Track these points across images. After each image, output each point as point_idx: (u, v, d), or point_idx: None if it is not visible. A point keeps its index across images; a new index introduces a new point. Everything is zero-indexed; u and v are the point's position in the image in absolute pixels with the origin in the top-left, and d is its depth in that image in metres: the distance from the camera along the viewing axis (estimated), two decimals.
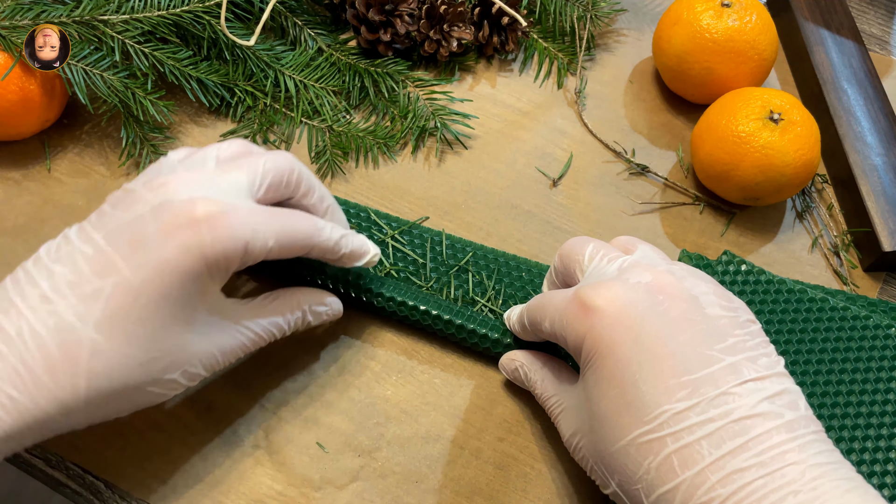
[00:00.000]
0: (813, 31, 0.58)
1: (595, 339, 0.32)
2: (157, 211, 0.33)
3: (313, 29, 0.55)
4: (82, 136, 0.51)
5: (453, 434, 0.42)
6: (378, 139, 0.52)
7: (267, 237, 0.35)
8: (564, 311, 0.34)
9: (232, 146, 0.38)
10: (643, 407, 0.30)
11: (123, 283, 0.32)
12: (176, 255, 0.32)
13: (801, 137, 0.46)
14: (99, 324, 0.32)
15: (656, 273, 0.33)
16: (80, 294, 0.32)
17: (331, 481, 0.40)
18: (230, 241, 0.33)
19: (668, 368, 0.30)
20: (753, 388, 0.30)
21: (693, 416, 0.29)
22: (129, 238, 0.33)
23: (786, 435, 0.29)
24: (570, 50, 0.58)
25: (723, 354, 0.31)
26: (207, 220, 0.33)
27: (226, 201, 0.34)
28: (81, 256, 0.33)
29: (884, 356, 0.43)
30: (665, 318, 0.32)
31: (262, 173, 0.36)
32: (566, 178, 0.52)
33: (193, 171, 0.35)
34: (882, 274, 0.50)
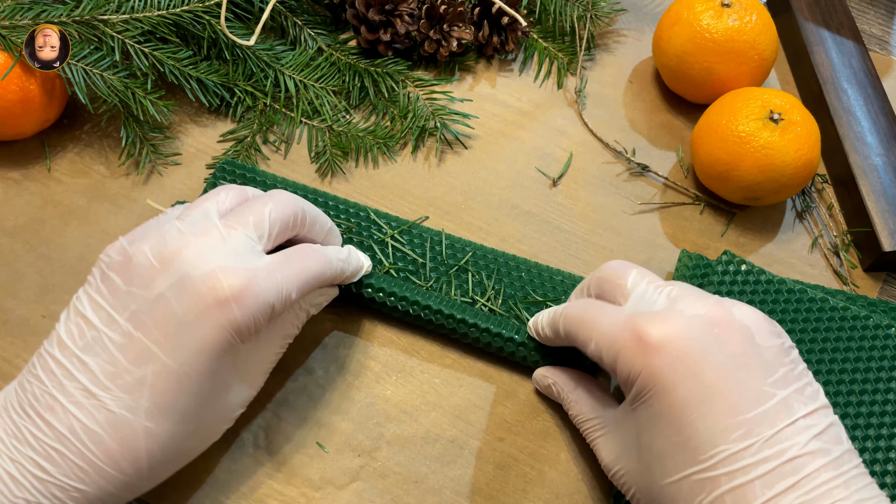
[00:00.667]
0: (813, 31, 0.58)
1: (652, 377, 0.32)
2: (178, 289, 0.33)
3: (313, 29, 0.55)
4: (82, 136, 0.51)
5: (453, 434, 0.42)
6: (378, 139, 0.52)
7: (290, 291, 0.35)
8: (617, 339, 0.34)
9: (230, 195, 0.38)
10: (699, 446, 0.30)
11: (163, 370, 0.32)
12: (210, 334, 0.33)
13: (801, 137, 0.46)
14: (149, 412, 0.32)
15: (708, 305, 0.33)
16: (122, 385, 0.32)
17: (331, 481, 0.40)
18: (259, 309, 0.34)
19: (725, 408, 0.30)
20: (804, 426, 0.30)
21: (748, 456, 0.30)
22: (156, 321, 0.33)
23: (833, 472, 0.30)
24: (570, 50, 0.58)
25: (775, 389, 0.31)
26: (234, 295, 0.33)
27: (245, 268, 0.34)
28: (112, 344, 0.33)
29: (884, 356, 0.43)
30: (723, 353, 0.32)
31: (270, 224, 0.36)
32: (566, 178, 0.52)
33: (202, 235, 0.34)
34: (882, 274, 0.50)
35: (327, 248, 0.40)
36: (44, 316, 0.44)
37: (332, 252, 0.39)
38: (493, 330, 0.42)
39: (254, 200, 0.37)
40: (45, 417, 0.32)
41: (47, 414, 0.32)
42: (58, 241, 0.47)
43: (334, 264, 0.39)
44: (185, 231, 0.34)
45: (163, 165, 0.50)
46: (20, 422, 0.32)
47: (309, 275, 0.37)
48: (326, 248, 0.39)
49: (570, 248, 0.49)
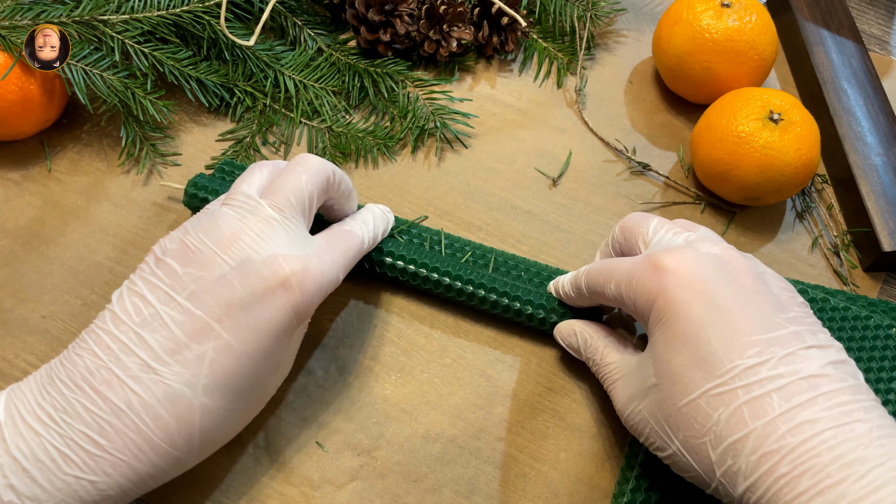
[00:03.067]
0: (813, 31, 0.58)
1: (667, 299, 0.33)
2: (240, 272, 0.34)
3: (313, 29, 0.55)
4: (82, 136, 0.51)
5: (453, 434, 0.42)
6: (377, 140, 0.52)
7: (338, 274, 0.38)
8: (634, 272, 0.35)
9: (264, 171, 0.39)
10: (716, 362, 0.31)
11: (224, 347, 0.33)
12: (272, 315, 0.34)
13: (801, 137, 0.46)
14: (207, 388, 0.33)
15: (723, 247, 0.35)
16: (182, 361, 0.32)
17: (330, 480, 0.40)
18: (317, 292, 0.36)
19: (739, 328, 0.32)
20: (818, 354, 0.31)
21: (764, 370, 0.30)
22: (218, 300, 0.33)
23: (851, 396, 0.30)
24: (569, 50, 0.58)
25: (788, 323, 0.32)
26: (296, 279, 0.35)
27: (302, 254, 0.36)
28: (172, 321, 0.33)
29: (884, 356, 0.43)
30: (734, 285, 0.33)
31: (309, 196, 0.38)
32: (566, 177, 0.52)
33: (254, 220, 0.36)
34: (882, 274, 0.50)
35: (355, 222, 0.42)
36: (43, 316, 0.44)
37: (359, 228, 0.41)
38: (511, 293, 0.43)
39: (287, 173, 0.38)
40: (100, 391, 0.32)
41: (103, 388, 0.32)
42: (58, 241, 0.47)
43: (366, 242, 0.41)
44: (237, 216, 0.36)
45: (162, 165, 0.50)
46: (72, 396, 0.32)
47: (350, 256, 0.39)
48: (354, 226, 0.41)
49: (570, 248, 0.49)
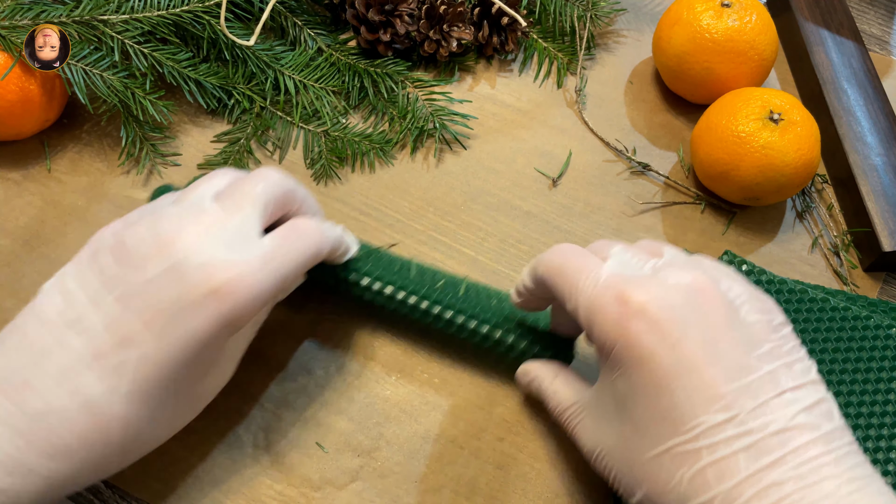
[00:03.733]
0: (813, 31, 0.58)
1: (631, 343, 0.31)
2: (171, 276, 0.32)
3: (313, 29, 0.55)
4: (82, 136, 0.51)
5: (453, 434, 0.42)
6: (374, 144, 0.52)
7: (286, 277, 0.35)
8: (596, 300, 0.32)
9: (225, 178, 0.37)
10: (680, 417, 0.29)
11: (148, 356, 0.32)
12: (200, 325, 0.32)
13: (801, 137, 0.46)
14: (128, 396, 0.32)
15: (694, 275, 0.32)
16: (103, 367, 0.31)
17: (330, 481, 0.40)
18: (252, 302, 0.33)
19: (706, 378, 0.29)
20: (791, 399, 0.29)
21: (731, 428, 0.29)
22: (147, 305, 0.32)
23: (822, 447, 0.28)
24: (569, 50, 0.58)
25: (761, 363, 0.30)
26: (228, 287, 0.32)
27: (241, 259, 0.33)
28: (97, 324, 0.32)
29: (884, 356, 0.43)
30: (704, 323, 0.31)
31: (264, 203, 0.36)
32: (566, 177, 0.52)
33: (197, 221, 0.34)
34: (882, 274, 0.50)
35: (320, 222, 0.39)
36: None
37: (322, 225, 0.38)
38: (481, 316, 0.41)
39: (245, 179, 0.37)
40: (17, 396, 0.31)
41: (22, 392, 0.31)
42: (58, 241, 0.47)
43: (331, 239, 0.38)
44: (181, 216, 0.34)
45: (162, 165, 0.50)
46: None
47: (306, 254, 0.36)
48: (318, 221, 0.38)
49: None
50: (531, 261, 0.38)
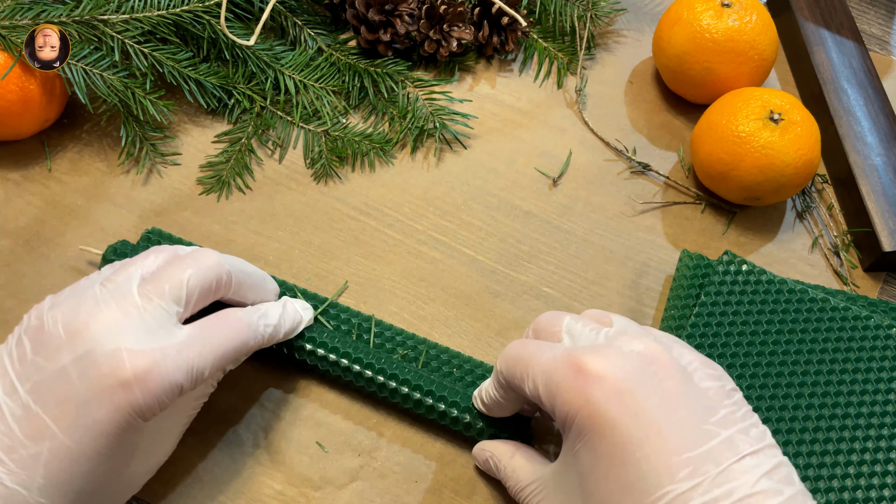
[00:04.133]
0: (813, 31, 0.58)
1: (592, 414, 0.30)
2: (81, 365, 0.32)
3: (313, 29, 0.55)
4: (82, 136, 0.51)
5: (453, 434, 0.42)
6: (374, 144, 0.52)
7: (202, 369, 0.34)
8: (554, 373, 0.32)
9: (159, 257, 0.36)
10: (646, 487, 0.29)
11: (60, 448, 0.31)
12: (109, 415, 0.32)
13: (801, 137, 0.46)
14: (43, 489, 0.31)
15: (646, 343, 0.32)
16: (17, 460, 0.31)
17: (330, 481, 0.40)
18: (163, 391, 0.33)
19: (669, 446, 0.29)
20: (752, 465, 0.29)
21: (696, 496, 0.28)
22: (56, 396, 0.32)
23: None
24: (569, 50, 0.58)
25: (718, 428, 0.30)
26: (136, 377, 0.32)
27: (153, 348, 0.33)
28: (11, 415, 0.32)
29: (884, 356, 0.43)
30: (661, 391, 0.31)
31: (188, 292, 0.35)
32: (566, 177, 0.52)
33: (114, 307, 0.33)
34: (882, 274, 0.50)
35: (254, 311, 0.38)
36: None
37: (258, 318, 0.38)
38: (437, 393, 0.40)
39: (173, 264, 0.36)
40: None
41: None
42: (57, 241, 0.47)
43: (259, 332, 0.37)
44: (101, 300, 0.33)
45: (162, 165, 0.50)
46: None
47: (227, 348, 0.35)
48: (252, 314, 0.37)
49: (570, 248, 0.49)
50: (493, 374, 0.38)
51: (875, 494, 0.39)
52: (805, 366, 0.42)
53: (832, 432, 0.40)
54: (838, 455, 0.40)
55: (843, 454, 0.40)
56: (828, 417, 0.41)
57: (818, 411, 0.41)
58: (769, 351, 0.43)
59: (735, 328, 0.43)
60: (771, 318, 0.43)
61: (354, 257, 0.47)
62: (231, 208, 0.49)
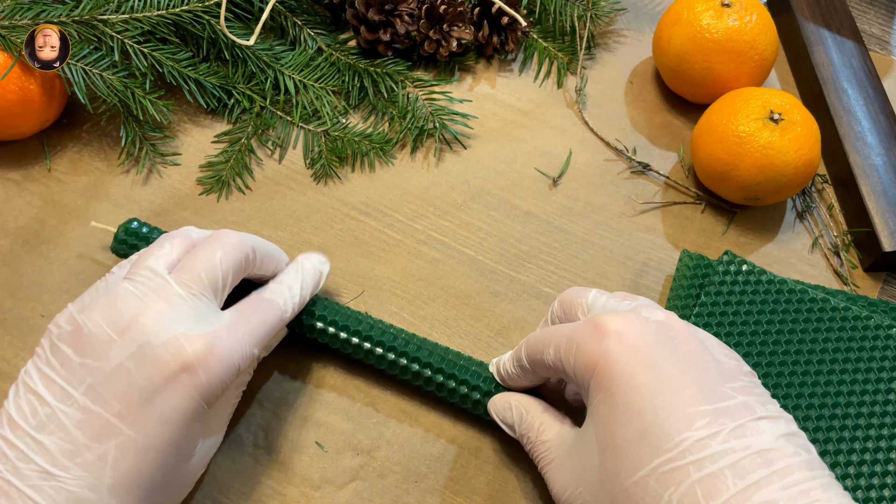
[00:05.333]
0: (813, 31, 0.58)
1: (610, 363, 0.31)
2: (138, 358, 0.32)
3: (313, 29, 0.55)
4: (82, 136, 0.51)
5: (453, 434, 0.42)
6: (374, 144, 0.51)
7: (252, 348, 0.35)
8: (574, 334, 0.33)
9: (175, 245, 0.36)
10: (663, 434, 0.29)
11: (127, 444, 0.31)
12: (177, 403, 0.32)
13: (801, 137, 0.46)
14: (112, 489, 0.31)
15: (667, 314, 0.34)
16: (82, 464, 0.31)
17: (330, 481, 0.40)
18: (225, 372, 0.33)
19: (686, 397, 0.30)
20: (769, 426, 0.29)
21: (714, 444, 0.28)
22: (117, 393, 0.31)
23: (807, 472, 0.28)
24: (569, 50, 0.58)
25: (735, 393, 0.30)
26: (199, 360, 0.32)
27: (207, 332, 0.33)
28: (69, 420, 0.31)
29: (884, 356, 0.43)
30: (678, 352, 0.31)
31: (223, 274, 0.36)
32: (566, 177, 0.52)
33: (157, 299, 0.33)
34: (882, 274, 0.50)
35: (278, 289, 0.39)
36: (42, 315, 0.44)
37: (281, 296, 0.39)
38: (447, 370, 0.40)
39: (202, 249, 0.36)
40: None
41: (2, 500, 0.30)
42: (57, 241, 0.47)
43: (288, 309, 0.39)
44: (139, 294, 0.33)
45: (162, 165, 0.50)
46: None
47: (266, 327, 0.37)
48: (278, 292, 0.39)
49: (570, 248, 0.49)
50: (511, 352, 0.39)
51: (875, 494, 0.39)
52: (805, 366, 0.42)
53: (832, 432, 0.40)
54: (838, 455, 0.40)
55: (843, 454, 0.40)
56: (828, 417, 0.41)
57: (818, 411, 0.41)
58: (769, 351, 0.43)
59: (735, 328, 0.43)
60: (771, 318, 0.43)
61: (354, 257, 0.47)
62: (231, 208, 0.49)
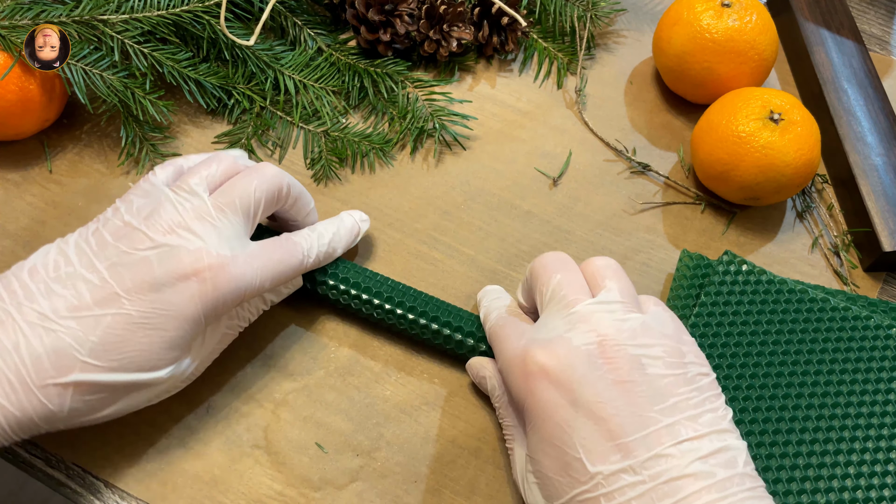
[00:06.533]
0: (813, 31, 0.58)
1: (536, 403, 0.34)
2: (163, 255, 0.35)
3: (313, 29, 0.55)
4: (82, 136, 0.51)
5: (453, 434, 0.42)
6: (374, 144, 0.51)
7: (263, 281, 0.38)
8: (511, 366, 0.36)
9: (221, 166, 0.39)
10: (580, 468, 0.32)
11: (124, 317, 0.34)
12: (179, 300, 0.35)
13: (801, 137, 0.46)
14: (94, 348, 0.34)
15: (601, 333, 0.34)
16: (79, 318, 0.34)
17: (330, 481, 0.40)
18: (230, 291, 0.36)
19: (603, 432, 0.32)
20: (688, 449, 0.31)
21: (626, 477, 0.31)
22: (134, 276, 0.35)
23: (716, 494, 0.30)
24: (569, 50, 0.58)
25: (661, 416, 0.32)
26: (212, 273, 0.36)
27: (228, 253, 0.37)
28: (84, 284, 0.34)
29: (884, 356, 0.43)
30: (603, 381, 0.33)
31: (255, 201, 0.39)
32: (566, 177, 0.52)
33: (193, 215, 0.37)
34: (882, 274, 0.50)
35: (309, 234, 0.41)
36: None
37: (308, 242, 0.41)
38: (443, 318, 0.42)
39: (241, 177, 0.39)
40: None
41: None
42: None
43: (311, 256, 0.41)
44: (178, 207, 0.37)
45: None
46: None
47: (284, 268, 0.39)
48: (304, 238, 0.41)
49: (570, 248, 0.49)
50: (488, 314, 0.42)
51: (875, 494, 0.39)
52: (805, 366, 0.42)
53: (832, 432, 0.40)
54: (838, 455, 0.40)
55: (843, 454, 0.40)
56: (828, 417, 0.41)
57: (818, 411, 0.41)
58: (769, 351, 0.43)
59: (735, 328, 0.43)
60: (771, 318, 0.43)
61: (354, 257, 0.47)
62: None
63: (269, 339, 0.44)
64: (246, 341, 0.44)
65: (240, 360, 0.43)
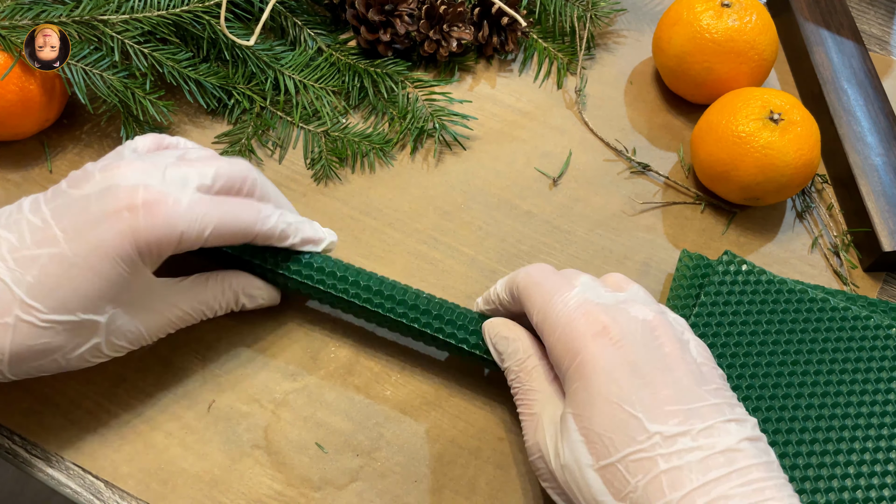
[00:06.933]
0: (813, 31, 0.58)
1: (594, 358, 0.33)
2: (102, 193, 0.35)
3: (313, 29, 0.55)
4: (82, 136, 0.51)
5: (453, 434, 0.42)
6: (374, 144, 0.51)
7: (204, 227, 0.36)
8: (565, 315, 0.35)
9: (201, 151, 0.40)
10: (638, 426, 0.32)
11: (59, 255, 0.34)
12: (110, 236, 0.34)
13: (801, 137, 0.46)
14: (30, 288, 0.34)
15: (654, 312, 0.35)
16: (18, 259, 0.34)
17: (330, 481, 0.40)
18: (165, 229, 0.35)
19: (662, 396, 0.32)
20: (736, 428, 0.32)
21: (683, 441, 0.31)
22: (72, 215, 0.35)
23: (765, 473, 0.31)
24: (569, 50, 0.58)
25: (708, 395, 0.33)
26: (145, 206, 0.35)
27: (168, 192, 0.35)
28: (27, 226, 0.35)
29: (884, 356, 0.43)
30: (659, 353, 0.34)
31: (215, 174, 0.38)
32: (566, 177, 0.52)
33: (148, 161, 0.37)
34: (882, 274, 0.50)
35: (274, 208, 0.40)
36: None
37: (269, 210, 0.40)
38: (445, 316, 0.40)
39: (211, 156, 0.39)
40: None
41: None
42: None
43: (270, 221, 0.39)
44: (136, 158, 0.37)
45: None
46: None
47: (235, 221, 0.38)
48: (270, 208, 0.40)
49: (570, 248, 0.49)
50: (508, 275, 0.40)
51: (875, 494, 0.39)
52: (805, 366, 0.42)
53: (832, 432, 0.40)
54: (838, 455, 0.40)
55: (843, 454, 0.40)
56: (828, 417, 0.41)
57: (818, 411, 0.41)
58: (769, 351, 0.43)
59: (735, 328, 0.43)
60: (771, 318, 0.43)
61: (354, 257, 0.47)
62: None
63: (269, 338, 0.44)
64: (246, 341, 0.44)
65: (240, 359, 0.43)
